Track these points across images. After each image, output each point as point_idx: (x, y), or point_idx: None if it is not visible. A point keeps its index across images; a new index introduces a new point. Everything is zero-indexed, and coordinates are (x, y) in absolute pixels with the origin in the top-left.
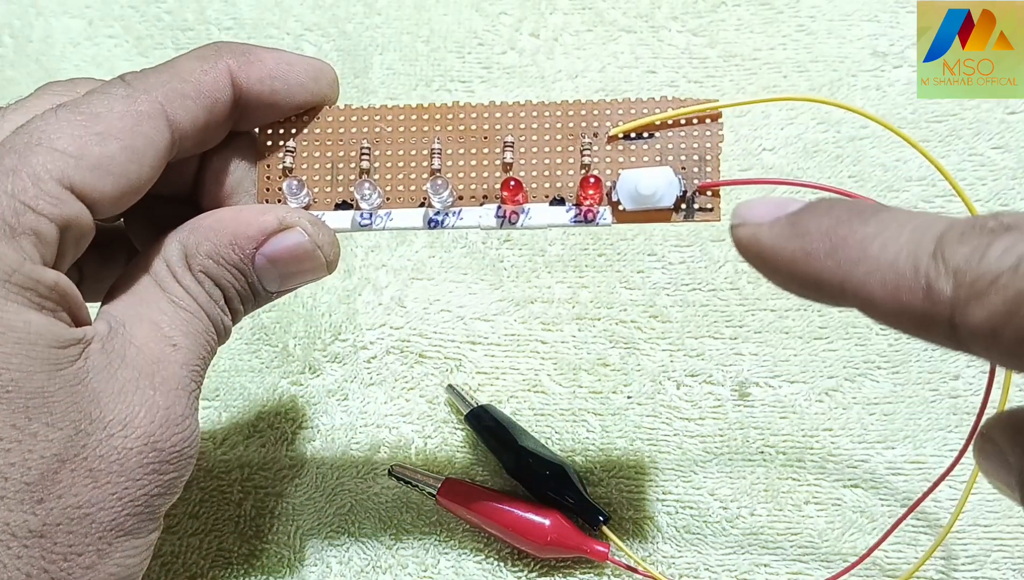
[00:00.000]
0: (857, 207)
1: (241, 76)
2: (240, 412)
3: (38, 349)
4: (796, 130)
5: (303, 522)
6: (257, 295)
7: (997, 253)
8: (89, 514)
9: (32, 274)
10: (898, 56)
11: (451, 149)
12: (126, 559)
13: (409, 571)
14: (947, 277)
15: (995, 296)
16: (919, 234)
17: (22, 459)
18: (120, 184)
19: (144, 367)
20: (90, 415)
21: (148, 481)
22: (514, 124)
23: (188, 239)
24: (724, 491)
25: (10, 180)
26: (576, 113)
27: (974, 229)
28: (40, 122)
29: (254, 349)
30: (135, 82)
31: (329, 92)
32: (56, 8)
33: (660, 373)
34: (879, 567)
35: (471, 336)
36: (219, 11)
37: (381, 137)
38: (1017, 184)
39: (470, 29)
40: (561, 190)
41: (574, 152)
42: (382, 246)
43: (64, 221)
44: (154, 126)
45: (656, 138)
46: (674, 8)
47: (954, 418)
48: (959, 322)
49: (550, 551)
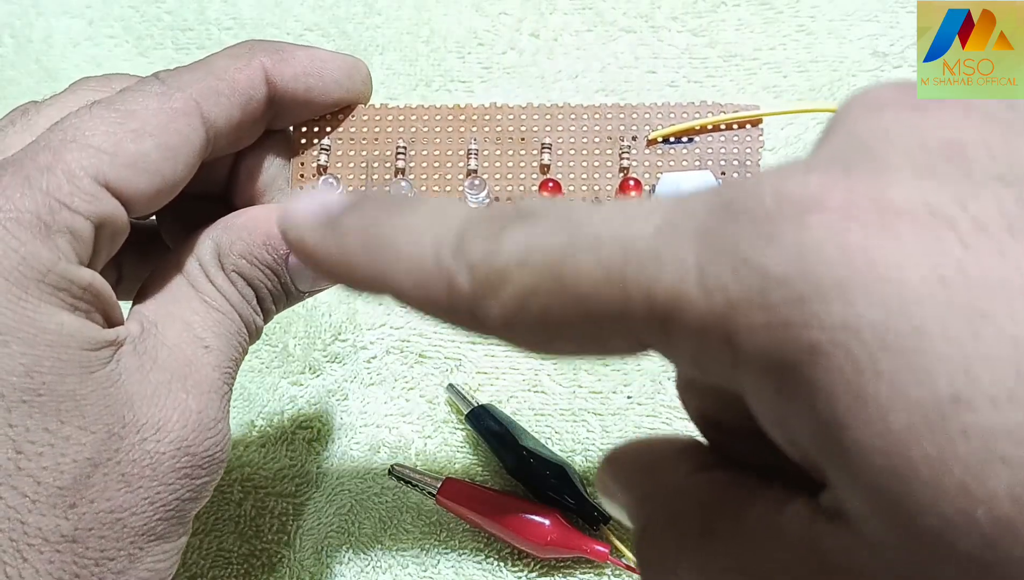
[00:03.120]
0: (394, 201)
1: (275, 74)
2: (240, 412)
3: (70, 351)
4: (796, 130)
5: (303, 522)
6: (289, 294)
7: (507, 246)
8: (121, 519)
9: (66, 274)
10: (898, 56)
11: (487, 150)
12: (156, 563)
13: (409, 571)
14: (466, 272)
15: (504, 291)
16: (444, 227)
17: (55, 463)
18: (155, 181)
19: (177, 370)
20: (123, 419)
21: (180, 486)
22: (551, 126)
23: (221, 238)
24: None
25: (45, 177)
26: (615, 116)
27: (492, 220)
28: (75, 119)
29: (254, 349)
30: (170, 80)
31: (363, 89)
32: (56, 8)
33: (660, 373)
34: None
35: (471, 336)
36: (219, 11)
37: (417, 137)
38: None
39: (470, 29)
40: (599, 193)
41: (612, 155)
42: None
43: (99, 218)
44: (189, 123)
45: (696, 143)
46: (674, 8)
47: None
48: (480, 316)
49: (550, 551)
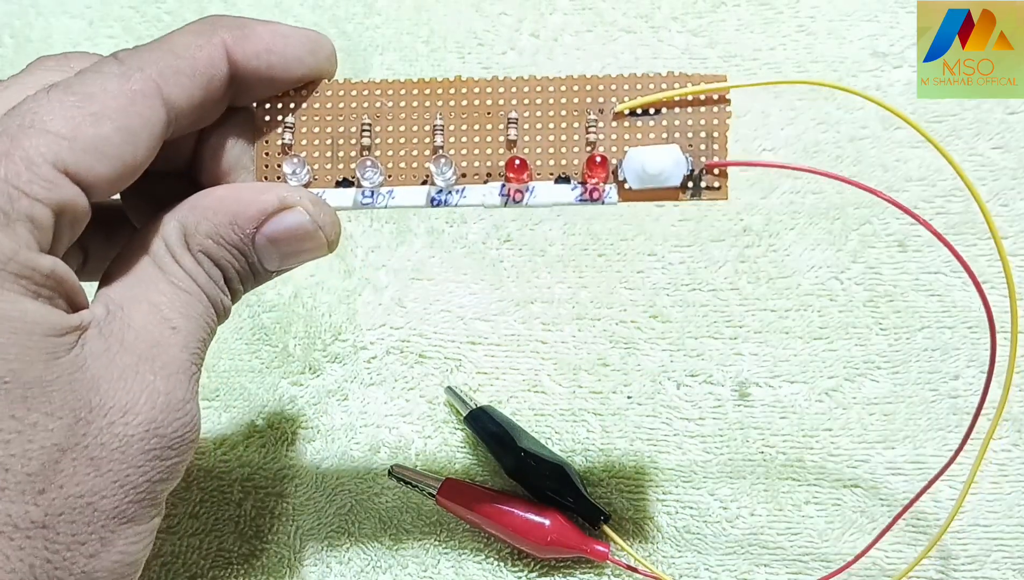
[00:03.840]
0: None
1: (237, 51)
2: (240, 412)
3: (35, 338)
4: (796, 130)
5: (303, 522)
6: (257, 274)
7: None
8: (91, 503)
9: (28, 262)
10: (898, 56)
11: (454, 126)
12: (129, 546)
13: (409, 571)
14: None
15: None
16: None
17: (22, 450)
18: (115, 165)
19: (144, 351)
20: (89, 403)
21: (150, 467)
22: (517, 99)
23: (187, 218)
24: (724, 491)
25: (2, 165)
26: (581, 88)
27: None
28: (32, 104)
29: (254, 349)
30: (128, 60)
31: (327, 65)
32: (56, 8)
33: (660, 373)
34: (879, 567)
35: (471, 336)
36: (219, 11)
37: (382, 113)
38: (1017, 184)
39: (470, 29)
40: (566, 168)
41: (579, 129)
42: (382, 246)
43: (59, 205)
44: (149, 105)
45: (663, 115)
46: (674, 8)
47: (954, 418)
48: None
49: (550, 551)
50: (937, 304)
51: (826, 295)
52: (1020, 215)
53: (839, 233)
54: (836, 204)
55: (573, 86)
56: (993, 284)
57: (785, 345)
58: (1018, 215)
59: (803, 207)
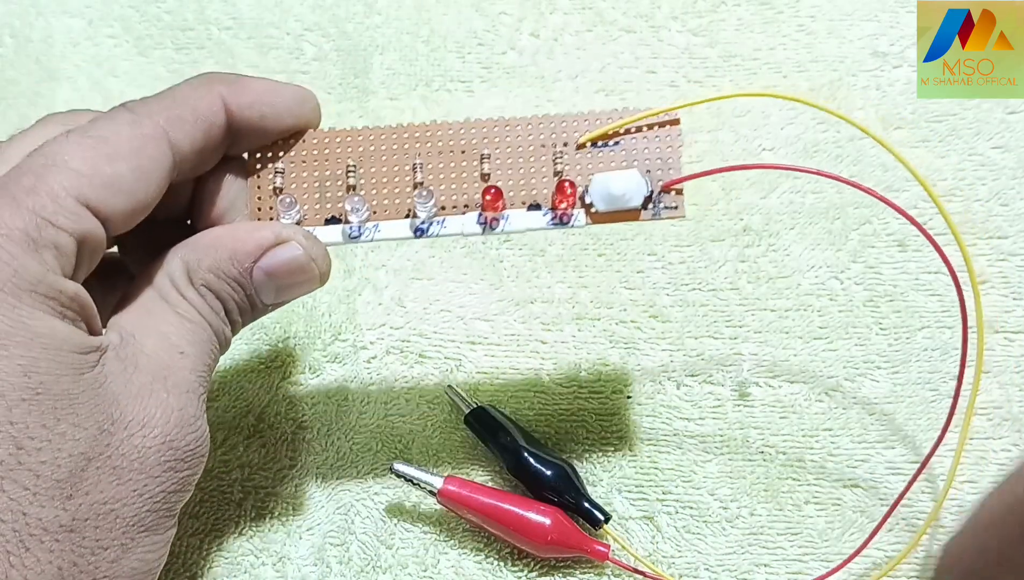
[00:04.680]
0: None
1: (232, 102)
2: (240, 412)
3: (63, 354)
4: (796, 130)
5: (303, 522)
6: (255, 307)
7: None
8: (114, 510)
9: (55, 284)
10: (898, 56)
11: (432, 163)
12: (147, 554)
13: (409, 571)
14: None
15: None
16: None
17: (52, 457)
18: (129, 201)
19: (157, 372)
20: (111, 416)
21: (166, 478)
22: (488, 138)
23: (189, 256)
24: (724, 491)
25: (30, 198)
26: (545, 125)
27: None
28: (54, 145)
29: (254, 349)
30: (138, 108)
31: (312, 117)
32: (56, 8)
33: (660, 373)
34: (878, 567)
35: (471, 336)
36: (219, 11)
37: (365, 156)
38: (1017, 184)
39: (470, 29)
40: (537, 196)
41: (546, 161)
42: (382, 246)
43: (81, 235)
44: (158, 148)
45: (621, 145)
46: (674, 8)
47: (954, 418)
48: None
49: (550, 551)
50: (937, 304)
51: (826, 295)
52: (1020, 215)
53: (839, 233)
54: (836, 204)
55: (539, 124)
56: (993, 284)
57: (785, 345)
58: (1018, 215)
59: (803, 207)
